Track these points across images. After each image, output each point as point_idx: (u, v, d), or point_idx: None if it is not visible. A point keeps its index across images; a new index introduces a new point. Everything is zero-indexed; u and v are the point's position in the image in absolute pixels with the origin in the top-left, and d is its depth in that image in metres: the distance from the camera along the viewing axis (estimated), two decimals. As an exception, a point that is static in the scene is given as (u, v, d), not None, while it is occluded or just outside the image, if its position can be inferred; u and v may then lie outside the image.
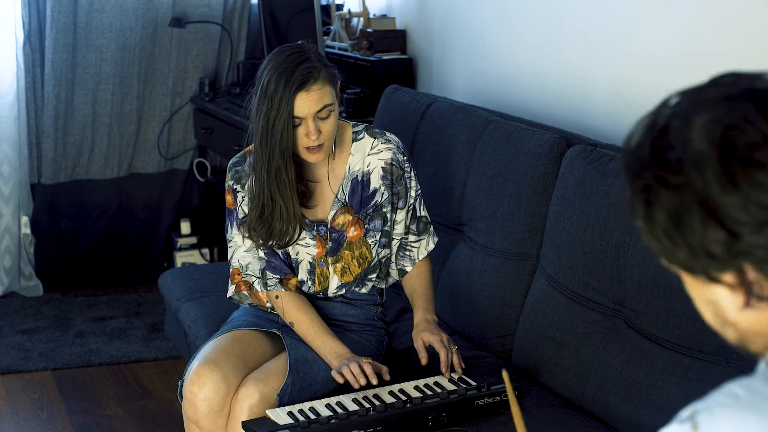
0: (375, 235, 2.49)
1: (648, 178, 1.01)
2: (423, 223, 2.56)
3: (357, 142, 2.50)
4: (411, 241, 2.55)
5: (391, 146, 2.50)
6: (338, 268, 2.48)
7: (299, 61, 2.30)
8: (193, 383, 2.32)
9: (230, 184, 2.48)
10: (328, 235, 2.47)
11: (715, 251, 0.97)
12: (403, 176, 2.51)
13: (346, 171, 2.48)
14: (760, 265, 0.96)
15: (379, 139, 2.50)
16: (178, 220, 4.82)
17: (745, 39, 2.32)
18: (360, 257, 2.48)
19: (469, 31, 3.55)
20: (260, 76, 2.34)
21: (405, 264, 2.56)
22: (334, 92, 2.35)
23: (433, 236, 2.58)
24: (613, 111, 2.81)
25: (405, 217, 2.53)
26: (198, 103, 4.66)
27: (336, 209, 2.47)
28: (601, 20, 2.84)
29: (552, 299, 2.49)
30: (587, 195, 2.40)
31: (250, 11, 4.81)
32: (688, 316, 2.09)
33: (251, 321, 2.51)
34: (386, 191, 2.49)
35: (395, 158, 2.49)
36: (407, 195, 2.52)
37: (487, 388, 2.30)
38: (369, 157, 2.49)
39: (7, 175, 4.51)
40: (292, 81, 2.27)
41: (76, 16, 4.47)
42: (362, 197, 2.48)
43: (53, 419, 3.46)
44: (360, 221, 2.48)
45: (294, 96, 2.28)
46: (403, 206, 2.52)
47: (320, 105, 2.30)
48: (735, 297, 0.99)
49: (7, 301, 4.51)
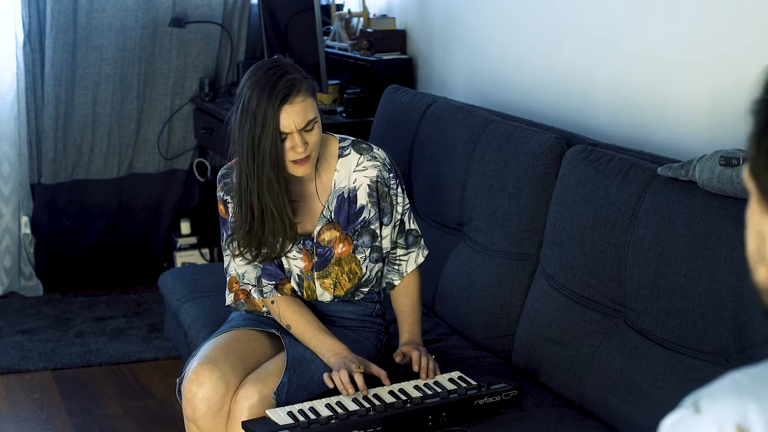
0: (364, 251, 2.48)
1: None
2: (413, 236, 2.55)
3: (343, 158, 2.48)
4: (399, 255, 2.54)
5: (377, 163, 2.48)
6: (327, 284, 2.48)
7: (280, 74, 2.28)
8: (192, 382, 2.32)
9: (221, 195, 2.48)
10: (314, 250, 2.47)
11: None
12: (389, 193, 2.49)
13: (332, 187, 2.47)
14: None
15: (366, 155, 2.48)
16: (178, 220, 4.82)
17: (746, 39, 2.31)
18: (350, 272, 2.48)
19: (469, 31, 3.55)
20: (240, 93, 2.32)
21: (393, 278, 2.55)
22: (315, 103, 2.35)
23: (423, 249, 2.56)
24: (613, 111, 2.81)
25: (391, 233, 2.52)
26: (198, 103, 4.66)
27: (321, 225, 2.47)
28: (601, 20, 2.84)
29: (552, 299, 2.48)
30: (587, 195, 2.40)
31: (250, 11, 4.81)
32: (688, 316, 2.09)
33: (250, 320, 2.52)
34: (373, 208, 2.48)
35: (380, 176, 2.47)
36: (393, 211, 2.51)
37: (487, 388, 2.30)
38: (355, 173, 2.47)
39: (7, 175, 4.51)
40: (275, 95, 2.26)
41: (76, 16, 4.47)
42: (349, 214, 2.47)
43: (53, 419, 3.46)
44: (348, 237, 2.47)
45: (279, 110, 2.26)
46: (389, 222, 2.51)
47: (305, 120, 2.29)
48: None
49: (7, 301, 4.51)
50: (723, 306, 2.00)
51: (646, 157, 2.38)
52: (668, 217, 2.16)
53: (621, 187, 2.31)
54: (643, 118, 2.68)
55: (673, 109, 2.57)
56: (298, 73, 2.32)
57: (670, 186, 2.19)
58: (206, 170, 4.74)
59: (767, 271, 1.01)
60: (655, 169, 2.26)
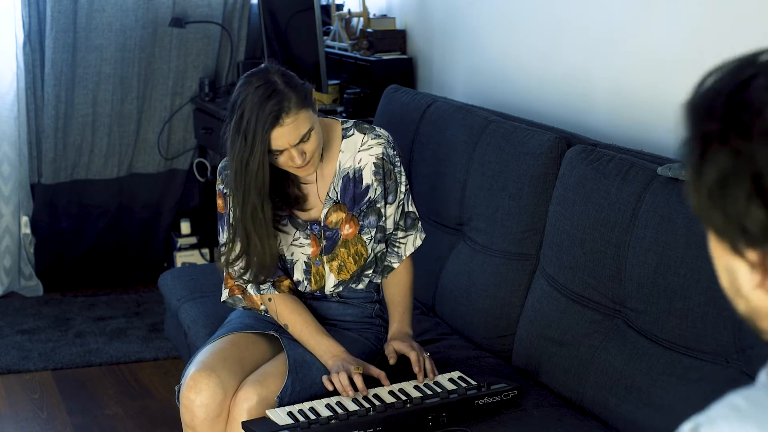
0: (370, 232, 2.48)
1: (712, 129, 0.93)
2: (411, 218, 2.55)
3: (347, 139, 2.48)
4: (399, 237, 2.55)
5: (381, 141, 2.48)
6: (334, 266, 2.48)
7: (266, 95, 2.22)
8: (190, 389, 2.31)
9: (221, 188, 2.46)
10: (322, 234, 2.47)
11: (750, 228, 0.92)
12: (393, 170, 2.49)
13: (336, 168, 2.47)
14: None
15: (369, 134, 2.48)
16: (178, 220, 4.82)
17: (746, 40, 2.31)
18: (356, 254, 2.48)
19: (469, 31, 3.55)
20: (234, 104, 2.28)
21: (392, 260, 2.55)
22: (310, 111, 2.29)
23: (421, 232, 2.57)
24: (613, 111, 2.81)
25: (394, 212, 2.52)
26: (198, 103, 4.66)
27: (328, 207, 2.47)
28: (601, 20, 2.84)
29: (552, 299, 2.48)
30: (587, 195, 2.39)
31: (250, 11, 4.81)
32: (688, 316, 2.09)
33: (247, 323, 2.51)
34: (379, 186, 2.48)
35: (386, 153, 2.48)
36: (397, 190, 2.51)
37: (487, 388, 2.30)
38: (360, 153, 2.47)
39: (7, 175, 4.51)
40: (263, 119, 2.21)
41: (76, 16, 4.47)
42: (355, 194, 2.47)
43: (53, 419, 3.46)
44: (354, 218, 2.47)
45: (268, 134, 2.23)
46: (393, 200, 2.51)
47: (298, 137, 2.26)
48: (753, 275, 0.96)
49: (7, 301, 4.51)
50: (723, 306, 2.00)
51: (646, 157, 2.38)
52: (668, 217, 2.16)
53: (621, 187, 2.31)
54: (643, 118, 2.68)
55: (673, 109, 2.55)
56: (287, 85, 2.25)
57: (670, 186, 2.19)
58: (206, 170, 4.74)
59: (746, 303, 0.98)
60: (655, 169, 2.26)
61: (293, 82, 2.28)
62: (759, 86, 0.92)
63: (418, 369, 2.35)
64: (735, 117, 0.92)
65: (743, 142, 0.91)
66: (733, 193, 0.92)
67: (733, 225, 0.94)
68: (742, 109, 0.92)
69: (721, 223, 0.95)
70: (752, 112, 0.91)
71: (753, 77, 0.93)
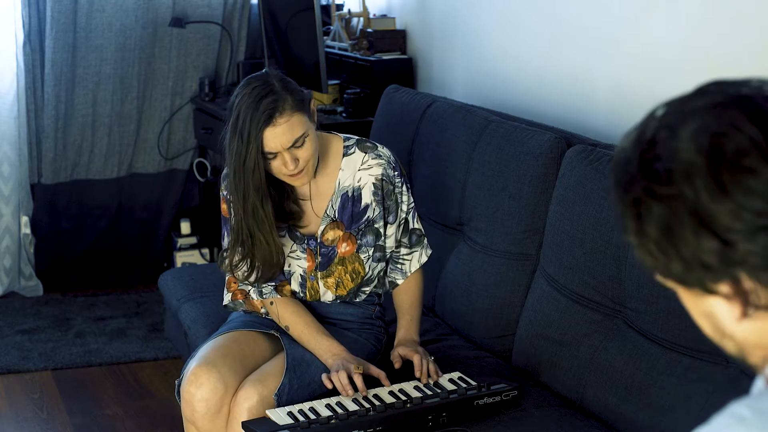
0: (368, 251, 2.47)
1: (637, 192, 0.99)
2: (416, 235, 2.54)
3: (347, 157, 2.47)
4: (403, 254, 2.53)
5: (382, 162, 2.47)
6: (330, 283, 2.48)
7: (262, 95, 2.24)
8: (191, 384, 2.32)
9: (224, 194, 2.46)
10: (317, 250, 2.47)
11: (709, 261, 0.96)
12: (394, 191, 2.48)
13: (336, 186, 2.46)
14: (755, 273, 0.95)
15: (370, 153, 2.47)
16: (178, 220, 4.82)
17: (746, 40, 2.31)
18: (353, 272, 2.48)
19: (469, 31, 3.55)
20: (232, 106, 2.29)
21: (396, 277, 2.54)
22: (306, 117, 2.30)
23: (427, 249, 2.56)
24: (613, 111, 2.81)
25: (395, 232, 2.51)
26: (198, 103, 4.66)
27: (325, 224, 2.46)
28: (601, 20, 2.84)
29: (552, 299, 2.48)
30: (587, 195, 2.40)
31: (250, 11, 4.81)
32: (688, 316, 2.07)
33: (249, 321, 2.51)
34: (378, 207, 2.47)
35: (386, 174, 2.46)
36: (398, 210, 2.50)
37: (487, 388, 2.30)
38: (360, 172, 2.46)
39: (7, 175, 4.51)
40: (257, 117, 2.23)
41: (76, 16, 4.47)
42: (353, 213, 2.46)
43: (53, 419, 3.46)
44: (352, 236, 2.46)
45: (261, 133, 2.23)
46: (394, 221, 2.50)
47: (291, 139, 2.26)
48: (732, 307, 0.98)
49: (7, 301, 4.51)
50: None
51: (646, 157, 2.38)
52: (668, 217, 2.16)
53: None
54: (643, 118, 2.68)
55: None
56: (284, 88, 2.27)
57: (670, 186, 2.19)
58: (206, 170, 4.74)
59: (733, 341, 1.00)
60: (655, 169, 2.26)
61: (290, 87, 2.30)
62: (663, 138, 0.98)
63: (420, 374, 2.35)
64: (653, 171, 0.97)
65: (669, 188, 0.96)
66: (680, 236, 0.96)
67: (693, 266, 0.97)
68: (656, 161, 0.97)
69: (681, 270, 0.98)
70: (666, 160, 0.96)
71: (656, 132, 0.99)
